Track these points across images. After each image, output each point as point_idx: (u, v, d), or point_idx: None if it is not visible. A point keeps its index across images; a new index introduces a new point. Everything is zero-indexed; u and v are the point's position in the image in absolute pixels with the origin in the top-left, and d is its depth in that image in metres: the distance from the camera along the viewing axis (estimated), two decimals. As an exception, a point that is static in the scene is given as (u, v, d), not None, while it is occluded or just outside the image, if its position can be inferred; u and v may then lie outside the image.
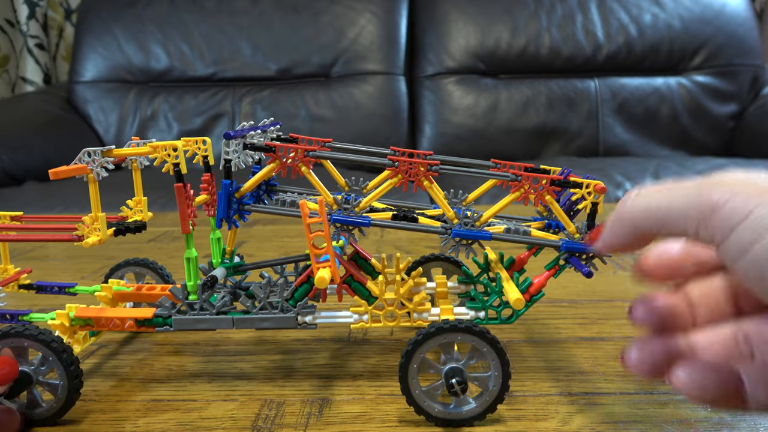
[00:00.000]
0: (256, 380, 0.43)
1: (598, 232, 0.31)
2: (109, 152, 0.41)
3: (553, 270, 0.39)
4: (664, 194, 0.24)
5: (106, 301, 0.46)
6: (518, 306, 0.38)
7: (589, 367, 0.44)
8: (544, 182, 0.37)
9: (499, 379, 0.36)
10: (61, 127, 1.67)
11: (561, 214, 0.37)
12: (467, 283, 0.45)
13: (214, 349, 0.48)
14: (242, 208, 0.41)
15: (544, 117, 1.70)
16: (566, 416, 0.37)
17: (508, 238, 0.38)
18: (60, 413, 0.38)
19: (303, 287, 0.40)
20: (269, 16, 1.76)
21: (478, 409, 0.36)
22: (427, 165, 0.38)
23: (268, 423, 0.37)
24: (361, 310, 0.40)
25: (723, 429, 0.36)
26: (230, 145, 0.40)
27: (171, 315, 0.40)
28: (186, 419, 0.38)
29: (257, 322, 0.40)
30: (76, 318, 0.40)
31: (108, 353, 0.48)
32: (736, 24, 1.73)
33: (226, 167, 0.40)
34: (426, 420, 0.37)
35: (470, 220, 0.38)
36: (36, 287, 0.47)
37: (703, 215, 0.22)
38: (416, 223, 0.39)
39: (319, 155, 0.39)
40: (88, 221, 0.39)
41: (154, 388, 0.42)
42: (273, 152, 0.39)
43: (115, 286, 0.46)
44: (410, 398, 0.36)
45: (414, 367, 0.36)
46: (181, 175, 0.40)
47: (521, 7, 1.73)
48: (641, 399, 0.39)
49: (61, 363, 0.37)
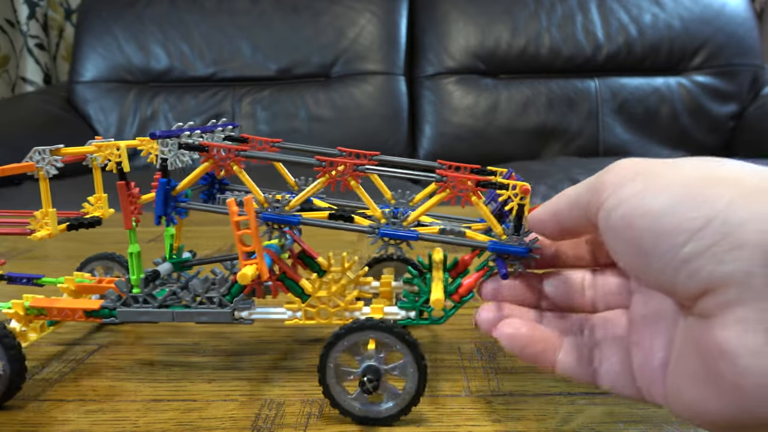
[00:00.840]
0: (256, 380, 0.43)
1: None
2: (57, 151, 0.43)
3: (483, 271, 0.39)
4: (574, 186, 0.30)
5: (69, 293, 0.48)
6: (437, 306, 0.38)
7: (589, 367, 0.44)
8: (469, 183, 0.37)
9: (414, 377, 0.36)
10: (61, 127, 1.67)
11: (487, 215, 0.37)
12: (410, 284, 0.45)
13: (213, 349, 0.48)
14: (179, 205, 0.42)
15: (544, 117, 1.70)
16: (566, 416, 0.37)
17: (435, 238, 0.39)
18: (3, 399, 0.40)
19: (238, 283, 0.40)
20: (269, 16, 1.76)
21: (395, 408, 0.37)
22: (354, 165, 0.38)
23: (268, 423, 0.37)
24: (295, 306, 0.40)
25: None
26: (167, 144, 0.41)
27: (116, 307, 0.41)
28: (186, 419, 0.38)
29: (195, 316, 0.41)
30: (31, 308, 0.43)
31: (107, 353, 0.48)
32: (735, 24, 1.73)
33: (163, 166, 0.41)
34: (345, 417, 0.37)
35: (398, 220, 0.39)
36: (7, 278, 0.49)
37: (595, 192, 0.27)
38: (347, 223, 0.40)
39: (249, 155, 0.40)
40: (39, 216, 0.42)
41: (154, 388, 0.42)
42: (206, 151, 0.40)
43: (78, 278, 0.48)
44: (331, 399, 0.37)
45: (331, 366, 0.37)
46: (124, 174, 0.42)
47: (521, 7, 1.73)
48: (641, 399, 0.39)
49: (3, 347, 0.39)
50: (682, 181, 0.24)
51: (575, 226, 0.30)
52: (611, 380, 0.31)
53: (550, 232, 0.32)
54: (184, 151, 0.42)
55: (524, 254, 0.36)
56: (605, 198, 0.26)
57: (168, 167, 0.41)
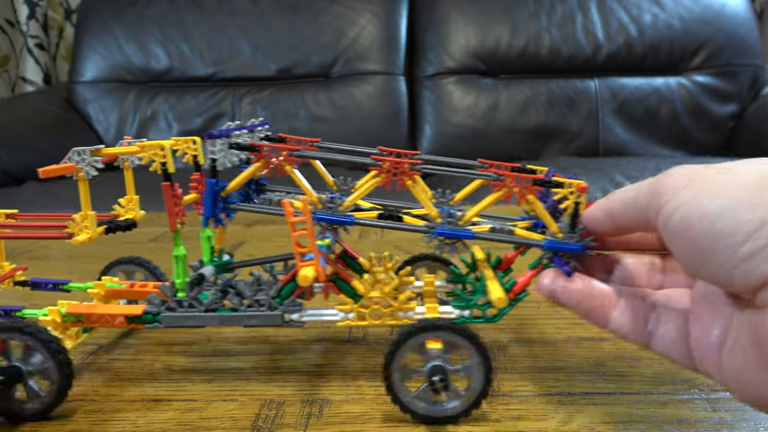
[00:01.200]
0: (256, 380, 0.43)
1: None
2: (98, 152, 0.41)
3: (537, 270, 0.39)
4: (629, 188, 0.31)
5: (99, 298, 0.46)
6: (500, 304, 0.38)
7: (589, 367, 0.44)
8: (527, 182, 0.37)
9: (481, 375, 0.36)
10: (61, 127, 1.67)
11: (544, 214, 0.37)
12: (455, 282, 0.45)
13: (214, 349, 0.48)
14: (228, 206, 0.41)
15: (544, 117, 1.70)
16: (566, 416, 0.37)
17: (492, 237, 0.39)
18: (49, 409, 0.38)
19: (289, 285, 0.40)
20: (269, 16, 1.76)
21: (461, 406, 0.36)
22: (410, 164, 0.38)
23: (268, 423, 0.37)
24: (347, 308, 0.40)
25: (723, 429, 0.36)
26: (215, 145, 0.40)
27: (160, 312, 0.40)
28: (186, 419, 0.38)
29: (244, 320, 0.40)
30: (68, 314, 0.41)
31: (108, 353, 0.48)
32: (736, 24, 1.73)
33: (212, 166, 0.40)
34: (412, 418, 0.37)
35: (453, 219, 0.39)
36: (31, 284, 0.48)
37: (654, 195, 0.29)
38: (400, 222, 0.39)
39: (304, 155, 0.40)
40: (78, 219, 0.40)
41: (154, 388, 0.42)
42: (258, 152, 0.39)
43: (108, 283, 0.47)
44: (396, 398, 0.37)
45: (397, 367, 0.36)
46: (168, 174, 0.40)
47: (521, 7, 1.73)
48: (641, 399, 0.39)
49: (53, 360, 0.37)
50: (735, 185, 0.26)
51: (630, 225, 0.32)
52: (665, 346, 0.32)
53: (604, 229, 0.34)
54: (233, 151, 0.41)
55: (580, 252, 0.36)
56: (665, 202, 0.28)
57: (217, 167, 0.40)
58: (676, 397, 0.39)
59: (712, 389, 0.40)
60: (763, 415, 0.37)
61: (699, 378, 0.42)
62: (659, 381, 0.41)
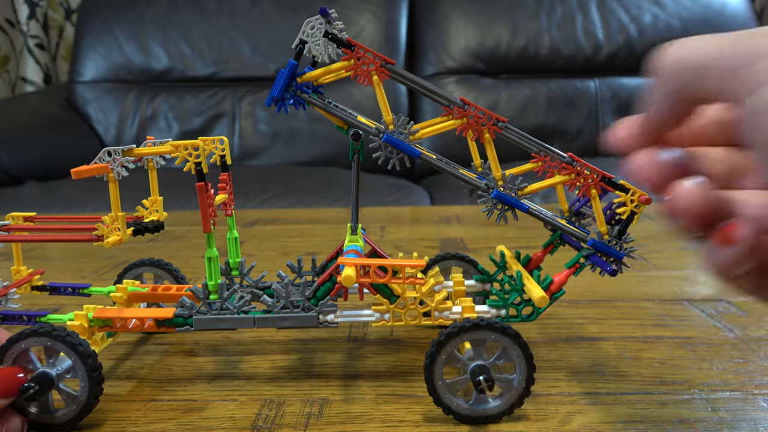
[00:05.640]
0: (256, 380, 0.43)
1: None
2: (129, 151, 0.41)
3: (573, 268, 0.39)
4: (709, 41, 0.23)
5: (122, 302, 0.45)
6: (542, 304, 0.38)
7: (589, 367, 0.44)
8: (595, 175, 0.37)
9: (524, 374, 0.36)
10: (61, 127, 1.67)
11: (599, 211, 0.38)
12: (484, 281, 0.45)
13: (213, 349, 0.48)
14: (299, 94, 0.39)
15: (544, 117, 1.70)
16: (566, 416, 0.37)
17: (542, 216, 0.39)
18: (79, 418, 0.37)
19: (325, 286, 0.40)
20: (269, 16, 1.76)
21: (504, 405, 0.36)
22: (495, 119, 0.38)
23: (268, 423, 0.37)
24: (383, 308, 0.40)
25: (723, 429, 0.36)
26: (313, 26, 0.38)
27: (192, 315, 0.40)
28: (186, 419, 0.38)
29: (279, 321, 0.40)
30: (95, 319, 0.40)
31: (107, 353, 0.48)
32: (736, 24, 1.73)
33: (300, 48, 0.38)
34: (454, 418, 0.37)
35: (514, 187, 0.38)
36: (49, 288, 0.47)
37: (748, 61, 0.22)
38: (461, 171, 0.39)
39: (395, 70, 0.38)
40: (108, 221, 0.39)
41: (154, 388, 0.42)
42: (352, 50, 0.38)
43: (131, 286, 0.46)
44: (436, 398, 0.36)
45: (439, 366, 0.36)
46: (203, 174, 0.39)
47: (521, 7, 1.73)
48: (641, 399, 0.39)
49: (84, 367, 0.36)
50: None
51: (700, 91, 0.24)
52: None
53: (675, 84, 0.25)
54: (330, 43, 0.38)
55: (620, 258, 0.37)
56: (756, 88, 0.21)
57: (315, 59, 0.38)
58: (676, 397, 0.39)
59: (712, 389, 0.40)
60: (762, 415, 0.37)
61: (699, 378, 0.42)
62: (659, 381, 0.41)
